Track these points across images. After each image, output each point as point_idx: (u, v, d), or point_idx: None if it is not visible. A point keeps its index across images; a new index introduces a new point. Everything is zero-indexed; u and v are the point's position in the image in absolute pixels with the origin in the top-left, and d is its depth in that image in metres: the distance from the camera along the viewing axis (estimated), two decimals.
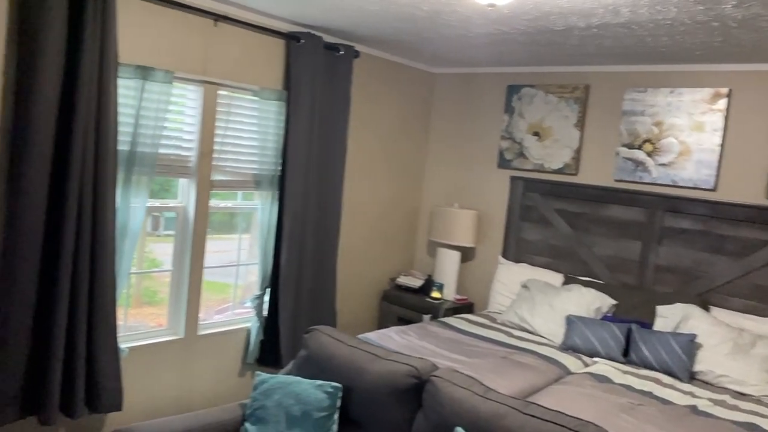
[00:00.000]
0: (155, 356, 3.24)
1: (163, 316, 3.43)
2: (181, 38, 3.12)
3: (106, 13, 2.67)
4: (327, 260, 3.94)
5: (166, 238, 3.51)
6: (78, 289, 2.70)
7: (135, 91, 2.92)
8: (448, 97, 4.73)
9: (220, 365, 3.57)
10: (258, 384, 2.35)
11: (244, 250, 3.80)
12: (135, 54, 2.93)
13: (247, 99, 3.51)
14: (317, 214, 3.85)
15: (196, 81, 3.24)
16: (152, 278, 3.48)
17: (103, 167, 2.73)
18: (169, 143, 3.18)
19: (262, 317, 3.66)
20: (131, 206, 2.95)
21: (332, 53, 3.79)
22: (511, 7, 2.76)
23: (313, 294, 3.89)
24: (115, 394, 2.88)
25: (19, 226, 2.53)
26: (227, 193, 3.59)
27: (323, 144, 3.84)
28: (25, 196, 2.53)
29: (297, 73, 3.58)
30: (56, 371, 2.65)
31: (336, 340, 2.50)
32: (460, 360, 3.06)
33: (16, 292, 2.56)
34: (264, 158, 3.58)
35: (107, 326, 2.83)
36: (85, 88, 2.62)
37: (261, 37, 3.48)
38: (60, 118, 2.61)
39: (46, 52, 2.50)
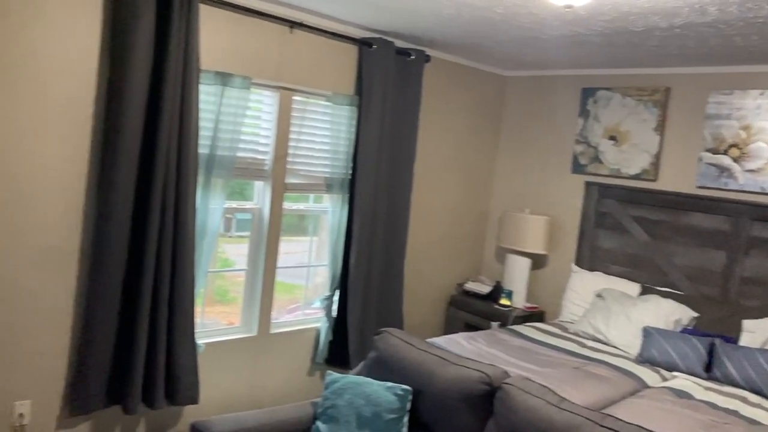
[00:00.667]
0: (229, 353, 3.35)
1: (233, 314, 3.54)
2: (258, 45, 3.22)
3: (190, 22, 2.79)
4: (395, 263, 3.96)
5: (238, 239, 3.62)
6: (160, 286, 2.83)
7: (215, 97, 3.04)
8: (520, 101, 4.66)
9: (290, 364, 3.64)
10: (329, 383, 2.39)
11: (313, 252, 3.87)
12: (215, 61, 3.05)
13: (320, 104, 3.58)
14: (386, 218, 3.88)
15: (272, 87, 3.34)
16: (224, 277, 3.59)
17: (185, 169, 2.86)
18: (246, 147, 3.29)
19: (331, 318, 3.71)
20: (210, 207, 3.07)
21: (403, 58, 3.82)
22: (589, 8, 2.69)
23: (380, 296, 3.91)
24: (192, 387, 2.99)
25: (108, 225, 2.68)
26: (299, 196, 3.67)
27: (393, 148, 3.86)
28: (114, 196, 2.68)
29: (369, 78, 3.62)
30: (139, 364, 2.79)
31: (406, 343, 2.50)
32: (531, 369, 2.99)
33: (104, 289, 2.71)
34: (335, 162, 3.64)
35: (186, 323, 2.95)
36: (170, 94, 2.75)
37: (334, 43, 3.55)
38: (146, 122, 2.75)
39: (135, 59, 2.65)
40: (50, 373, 2.73)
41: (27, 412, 2.68)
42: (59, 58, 2.58)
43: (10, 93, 2.48)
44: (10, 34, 2.44)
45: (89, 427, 2.88)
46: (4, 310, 2.57)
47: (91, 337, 2.71)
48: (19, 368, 2.64)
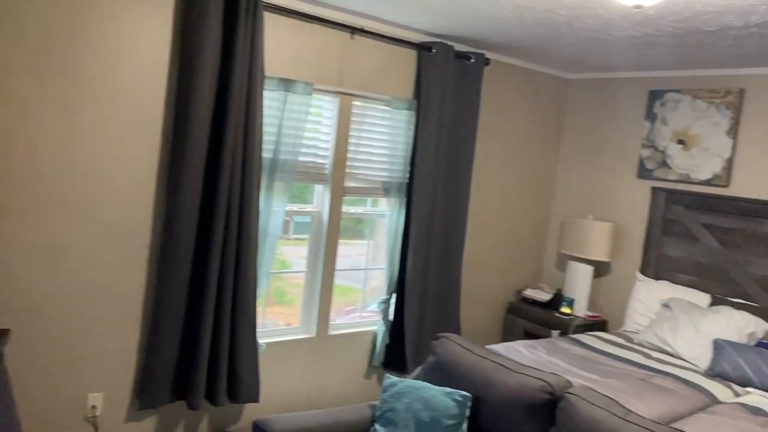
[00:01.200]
0: (288, 353, 3.41)
1: (291, 315, 3.60)
2: (320, 51, 3.27)
3: (255, 30, 2.87)
4: (452, 268, 3.93)
5: (296, 242, 3.68)
6: (224, 286, 2.91)
7: (278, 102, 3.11)
8: (583, 104, 4.55)
9: (347, 366, 3.68)
10: (387, 386, 2.39)
11: (367, 255, 3.89)
12: (279, 67, 3.13)
13: (378, 108, 3.61)
14: (443, 222, 3.86)
15: (332, 92, 3.39)
16: (281, 279, 3.66)
17: (249, 173, 2.93)
18: (307, 151, 3.35)
19: (388, 321, 3.72)
20: (272, 210, 3.14)
21: (463, 62, 3.80)
22: (659, 7, 2.60)
23: (437, 301, 3.90)
24: (253, 386, 3.06)
25: (176, 225, 2.78)
26: (357, 199, 3.71)
27: (451, 152, 3.84)
28: (182, 198, 2.78)
29: (427, 83, 3.62)
30: (203, 361, 2.87)
31: (465, 349, 2.48)
32: (593, 379, 2.91)
33: (171, 288, 2.81)
34: (393, 166, 3.65)
35: (248, 322, 3.03)
36: (236, 100, 2.83)
37: (394, 48, 3.57)
38: (213, 127, 2.85)
39: (202, 66, 2.74)
40: (121, 367, 2.85)
41: (99, 405, 2.80)
42: (133, 64, 2.70)
43: (89, 98, 2.61)
44: (88, 42, 2.58)
45: (156, 420, 2.99)
46: (82, 305, 2.71)
47: (159, 333, 2.82)
48: (93, 362, 2.77)
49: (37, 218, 2.55)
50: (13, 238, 2.51)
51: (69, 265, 2.65)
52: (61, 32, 2.51)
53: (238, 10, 2.79)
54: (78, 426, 2.77)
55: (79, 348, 2.73)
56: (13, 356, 2.56)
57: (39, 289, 2.60)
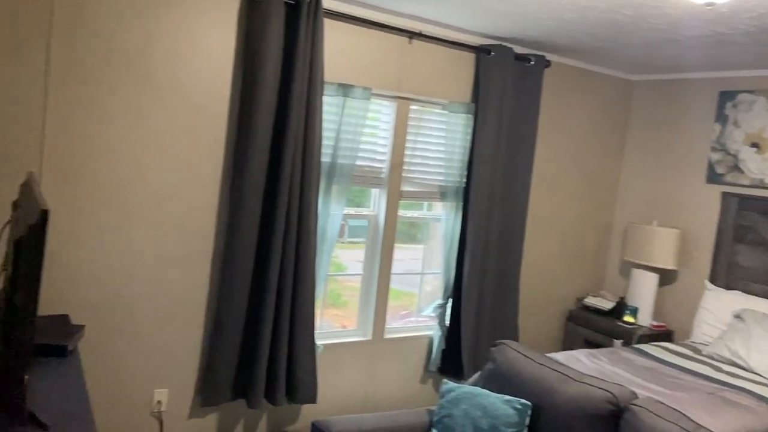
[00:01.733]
0: (345, 355, 3.44)
1: (345, 317, 3.63)
2: (378, 56, 3.30)
3: (315, 37, 2.92)
4: (510, 274, 3.87)
5: (350, 245, 3.71)
6: (283, 287, 2.97)
7: (337, 107, 3.15)
8: (648, 106, 4.40)
9: (403, 370, 3.67)
10: (445, 392, 2.37)
11: (421, 260, 3.87)
12: (337, 72, 3.17)
13: (436, 112, 3.60)
14: (501, 227, 3.80)
15: (390, 96, 3.40)
16: (337, 282, 3.70)
17: (309, 177, 2.98)
18: (365, 155, 3.37)
19: (444, 327, 3.70)
20: (330, 213, 3.18)
21: (522, 64, 3.74)
22: (732, 5, 2.49)
23: (494, 307, 3.84)
24: (311, 387, 3.10)
25: (238, 227, 2.86)
26: (412, 203, 3.70)
27: (510, 156, 3.79)
28: (244, 200, 2.85)
29: (486, 86, 3.58)
30: (262, 361, 2.93)
31: (524, 356, 2.43)
32: (659, 391, 2.79)
33: (232, 288, 2.88)
34: (450, 170, 3.63)
35: (306, 324, 3.07)
36: (296, 105, 2.89)
37: (452, 51, 3.55)
38: (274, 132, 2.91)
39: (264, 72, 2.81)
40: (185, 365, 2.94)
41: (164, 400, 2.90)
42: (199, 71, 2.80)
43: (158, 105, 2.72)
44: (159, 50, 2.69)
45: (218, 417, 3.07)
46: (150, 304, 2.81)
47: (221, 333, 2.90)
48: (160, 359, 2.87)
49: (110, 220, 2.67)
50: (87, 238, 2.64)
51: (139, 266, 2.77)
52: (133, 41, 2.63)
53: (299, 17, 2.85)
54: (145, 420, 2.88)
55: (147, 345, 2.84)
56: (86, 351, 2.68)
57: (111, 288, 2.72)
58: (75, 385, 1.92)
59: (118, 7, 2.57)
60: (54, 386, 1.89)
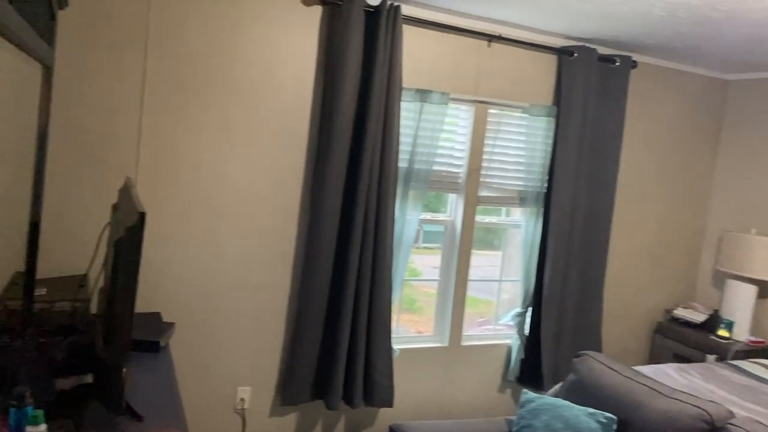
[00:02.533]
0: (421, 361, 3.43)
1: (421, 323, 3.62)
2: (456, 60, 3.28)
3: (394, 43, 2.95)
4: (593, 283, 3.73)
5: (425, 250, 3.70)
6: (361, 291, 3.00)
7: (414, 113, 3.16)
8: (745, 106, 4.12)
9: (480, 378, 3.62)
10: (525, 402, 2.32)
11: (500, 266, 3.80)
12: (415, 78, 3.18)
13: (515, 116, 3.53)
14: (584, 234, 3.68)
15: (468, 101, 3.37)
16: (412, 287, 3.69)
17: (386, 182, 3.00)
18: (442, 160, 3.36)
19: (523, 335, 3.61)
20: (407, 218, 3.19)
21: (607, 65, 3.61)
22: None
23: (576, 317, 3.71)
24: (387, 390, 3.11)
25: (317, 232, 2.92)
26: (490, 209, 3.65)
27: (593, 160, 3.66)
28: (324, 206, 2.91)
29: (568, 88, 3.48)
30: (341, 363, 2.98)
31: (609, 369, 2.33)
32: (759, 411, 2.60)
33: (312, 291, 2.95)
34: (530, 174, 3.55)
35: (384, 328, 3.09)
36: (374, 111, 2.92)
37: (532, 53, 3.48)
38: (353, 137, 2.96)
39: (345, 80, 2.86)
40: (267, 364, 3.03)
41: (247, 398, 3.00)
42: (282, 79, 2.89)
43: (243, 112, 2.83)
44: (243, 59, 2.80)
45: (297, 417, 3.14)
46: (235, 304, 2.92)
47: (301, 334, 2.96)
48: (243, 358, 2.98)
49: (199, 223, 2.81)
50: (178, 240, 2.78)
51: (225, 267, 2.88)
52: (220, 52, 2.75)
53: (378, 24, 2.88)
54: (228, 416, 2.99)
55: (232, 344, 2.95)
56: (176, 347, 2.82)
57: (199, 288, 2.85)
58: (166, 380, 2.03)
59: (207, 20, 2.70)
60: (147, 380, 2.00)
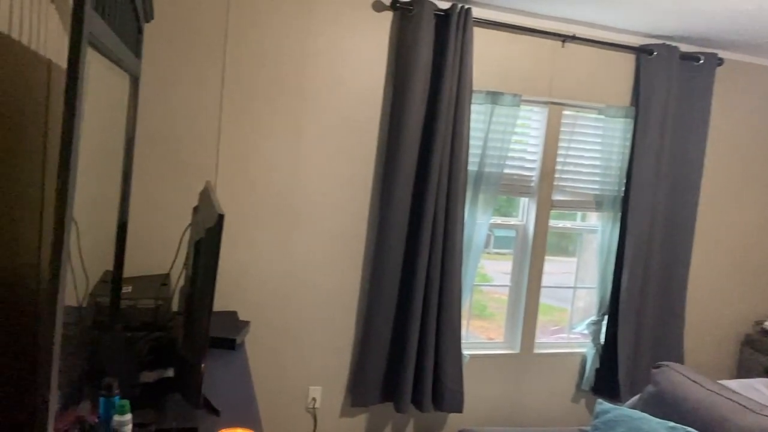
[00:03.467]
0: (491, 367, 3.38)
1: (491, 329, 3.56)
2: (529, 61, 3.22)
3: (465, 47, 2.93)
4: (674, 291, 3.55)
5: (496, 256, 3.64)
6: (430, 294, 3.00)
7: (485, 116, 3.13)
8: None
9: (553, 387, 3.52)
10: (600, 413, 2.24)
11: (574, 273, 3.69)
12: (486, 80, 3.15)
13: (590, 117, 3.43)
14: (664, 239, 3.51)
15: (541, 102, 3.31)
16: (482, 293, 3.65)
17: (455, 185, 2.99)
18: (513, 163, 3.31)
19: (598, 344, 3.49)
20: (476, 222, 3.16)
21: (690, 63, 3.44)
22: None
23: (656, 327, 3.55)
24: (457, 396, 3.09)
25: (386, 236, 2.94)
26: (564, 213, 3.55)
27: (675, 162, 3.49)
28: (393, 210, 2.93)
29: (647, 88, 3.35)
30: (410, 368, 2.98)
31: (691, 381, 2.22)
32: None
33: (381, 293, 2.97)
34: (606, 178, 3.43)
35: (453, 332, 3.07)
36: (444, 115, 2.92)
37: (608, 53, 3.37)
38: (422, 142, 2.96)
39: (414, 85, 2.88)
40: (338, 365, 3.09)
41: (318, 398, 3.07)
42: (352, 86, 2.94)
43: (314, 118, 2.90)
44: (314, 67, 2.87)
45: (367, 418, 3.17)
46: (307, 304, 3.00)
47: (370, 336, 3.00)
48: (315, 357, 3.04)
49: (272, 225, 2.90)
50: (253, 242, 2.88)
51: (297, 269, 2.96)
52: (293, 60, 2.83)
53: (449, 27, 2.88)
54: (300, 414, 3.06)
55: (304, 343, 3.02)
56: (251, 345, 2.92)
57: (273, 288, 2.94)
58: (241, 377, 2.11)
59: (281, 30, 2.80)
60: (224, 376, 2.08)
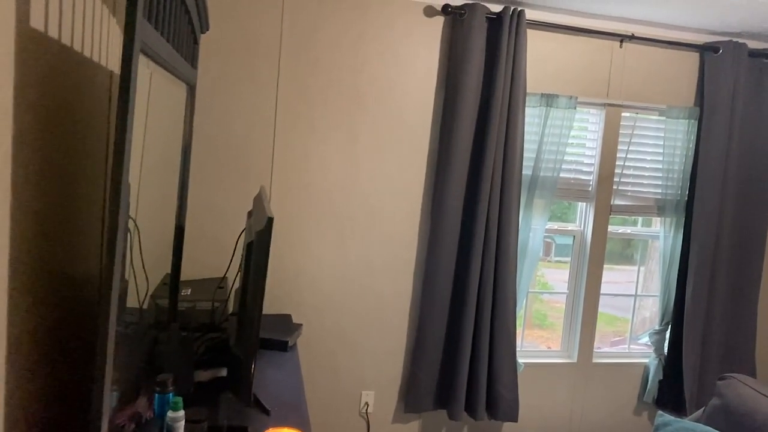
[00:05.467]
0: (548, 376, 3.30)
1: (551, 339, 3.47)
2: (585, 62, 3.15)
3: (517, 49, 2.90)
4: (745, 299, 3.37)
5: (557, 264, 3.55)
6: (483, 301, 2.96)
7: (539, 118, 3.08)
8: None
9: (613, 398, 3.40)
10: (660, 425, 2.15)
11: (637, 282, 3.55)
12: (541, 82, 3.09)
13: (651, 119, 3.31)
14: (733, 245, 3.34)
15: (598, 104, 3.22)
16: (543, 302, 3.56)
17: (509, 190, 2.95)
18: (569, 167, 3.24)
19: (662, 355, 3.35)
20: (532, 228, 3.10)
21: (760, 60, 3.27)
22: None
23: (725, 337, 3.37)
24: (512, 404, 3.03)
25: (438, 241, 2.93)
26: (625, 219, 3.43)
27: (744, 165, 3.32)
28: (445, 214, 2.92)
29: (713, 88, 3.20)
30: (463, 373, 2.95)
31: (760, 394, 2.09)
32: None
33: (434, 299, 2.96)
34: (669, 182, 3.30)
35: (508, 340, 3.02)
36: (496, 118, 2.89)
37: (670, 52, 3.25)
38: (474, 145, 2.94)
39: (466, 91, 2.86)
40: (391, 370, 3.09)
41: (371, 402, 3.08)
42: (405, 91, 2.96)
43: (368, 123, 2.93)
44: (368, 72, 2.90)
45: (420, 424, 3.16)
46: (360, 309, 3.02)
47: (423, 342, 2.99)
48: (368, 362, 3.06)
49: (327, 230, 2.94)
50: (309, 245, 2.93)
51: (351, 273, 2.99)
52: (347, 65, 2.88)
53: (501, 31, 2.85)
54: (353, 419, 3.08)
55: (357, 347, 3.04)
56: (304, 348, 2.97)
57: (327, 292, 2.98)
58: (293, 378, 2.14)
59: (334, 35, 2.85)
60: (275, 377, 2.13)
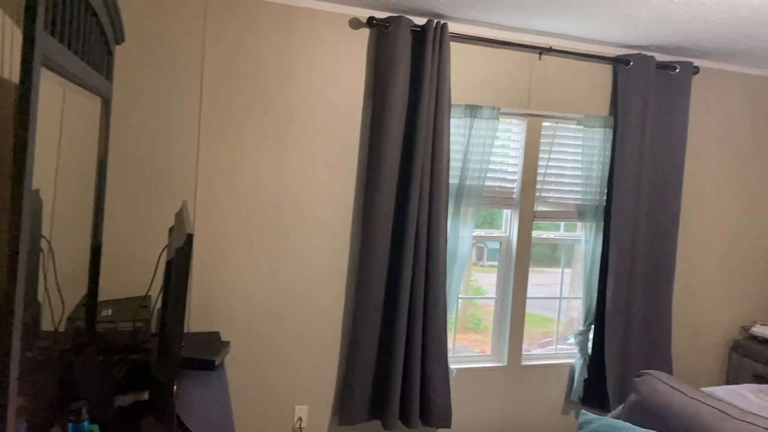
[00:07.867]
0: (480, 380, 3.36)
1: (486, 343, 3.55)
2: (506, 74, 3.25)
3: (441, 62, 2.95)
4: (660, 298, 3.55)
5: (490, 269, 3.64)
6: (415, 309, 2.98)
7: (464, 129, 3.15)
8: None
9: (542, 399, 3.50)
10: (583, 424, 2.22)
11: (566, 284, 3.69)
12: (465, 94, 3.17)
13: (570, 128, 3.45)
14: (648, 247, 3.52)
15: (520, 114, 3.33)
16: (476, 306, 3.63)
17: (437, 199, 2.99)
18: (494, 176, 3.32)
19: (586, 355, 3.48)
20: (460, 235, 3.16)
21: (666, 72, 3.47)
22: None
23: (643, 335, 3.54)
24: (445, 411, 3.06)
25: (370, 251, 2.94)
26: (549, 224, 3.56)
27: (655, 171, 3.51)
28: (375, 225, 2.93)
29: (625, 98, 3.38)
30: (396, 383, 2.96)
31: (674, 389, 2.21)
32: None
33: (366, 310, 2.96)
34: (588, 188, 3.45)
35: (439, 346, 3.05)
36: (423, 130, 2.93)
37: (585, 64, 3.40)
38: (402, 157, 2.97)
39: (393, 101, 2.89)
40: (324, 383, 3.06)
41: (305, 417, 3.03)
42: (333, 102, 2.95)
43: (297, 135, 2.91)
44: (296, 83, 2.88)
45: None
46: (291, 321, 2.98)
47: (356, 353, 2.97)
48: (300, 376, 3.02)
49: (255, 243, 2.89)
50: (236, 260, 2.86)
51: (282, 286, 2.95)
52: (273, 78, 2.84)
53: (425, 44, 2.90)
54: None
55: (288, 362, 2.99)
56: (235, 366, 2.89)
57: (256, 306, 2.91)
58: (220, 398, 2.08)
59: (259, 49, 2.81)
60: (202, 397, 2.06)
